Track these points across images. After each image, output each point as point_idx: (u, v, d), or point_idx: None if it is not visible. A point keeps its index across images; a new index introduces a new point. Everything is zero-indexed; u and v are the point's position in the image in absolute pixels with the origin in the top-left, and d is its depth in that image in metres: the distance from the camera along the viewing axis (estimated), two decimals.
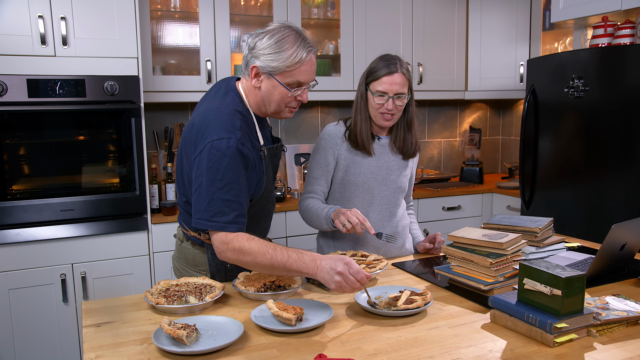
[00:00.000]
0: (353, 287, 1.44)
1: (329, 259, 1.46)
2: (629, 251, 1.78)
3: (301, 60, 1.55)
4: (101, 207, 2.66)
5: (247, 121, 1.61)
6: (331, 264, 1.44)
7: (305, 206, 2.02)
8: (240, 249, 1.50)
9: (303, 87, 1.61)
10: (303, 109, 3.68)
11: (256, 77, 1.60)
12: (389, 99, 1.93)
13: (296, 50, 1.54)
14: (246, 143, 1.55)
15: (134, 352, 1.28)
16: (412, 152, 2.09)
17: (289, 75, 1.57)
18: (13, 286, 2.51)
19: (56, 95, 2.52)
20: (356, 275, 1.43)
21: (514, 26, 3.77)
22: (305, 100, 1.65)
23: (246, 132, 1.57)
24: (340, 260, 1.44)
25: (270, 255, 1.48)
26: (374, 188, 2.05)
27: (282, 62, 1.54)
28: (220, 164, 1.50)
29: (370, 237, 2.05)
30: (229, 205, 1.51)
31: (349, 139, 2.04)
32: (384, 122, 1.99)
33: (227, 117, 1.55)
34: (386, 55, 1.98)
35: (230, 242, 1.51)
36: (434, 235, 2.07)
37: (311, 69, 1.60)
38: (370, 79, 1.97)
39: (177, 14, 3.15)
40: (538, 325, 1.30)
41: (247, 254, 1.50)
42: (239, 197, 1.52)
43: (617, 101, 2.66)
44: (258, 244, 1.50)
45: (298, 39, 1.56)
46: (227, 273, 1.78)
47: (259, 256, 1.49)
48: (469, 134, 4.04)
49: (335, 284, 1.44)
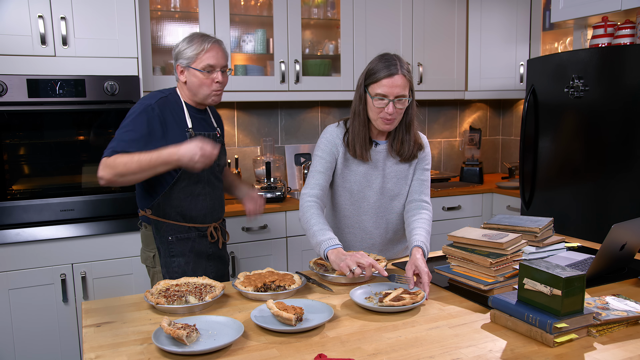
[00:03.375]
0: (211, 155, 1.79)
1: (187, 146, 1.78)
2: (629, 251, 1.78)
3: (205, 48, 1.98)
4: (101, 207, 2.66)
5: (171, 103, 2.01)
6: (189, 146, 1.78)
7: (303, 213, 1.88)
8: (112, 163, 1.81)
9: (217, 70, 1.99)
10: (303, 109, 3.68)
11: (182, 73, 2.02)
12: (390, 102, 1.82)
13: (199, 42, 1.99)
14: (157, 110, 1.94)
15: (134, 352, 1.28)
16: (410, 154, 1.97)
17: (200, 61, 1.97)
18: (13, 286, 2.51)
19: (56, 95, 2.52)
20: (212, 152, 1.79)
21: (514, 26, 3.77)
22: (221, 80, 2.00)
23: (166, 107, 1.98)
24: (196, 145, 1.77)
25: (137, 159, 1.80)
26: (369, 196, 1.99)
27: (192, 52, 1.98)
28: (130, 115, 1.94)
29: (367, 237, 2.04)
30: (121, 143, 1.86)
31: (346, 144, 1.96)
32: (384, 126, 1.88)
33: (149, 95, 2.03)
34: (386, 55, 1.87)
35: (107, 162, 1.82)
36: (418, 272, 1.67)
37: (217, 54, 2.00)
38: (369, 81, 1.86)
39: (177, 14, 3.15)
40: (538, 325, 1.30)
41: (118, 165, 1.80)
42: (132, 139, 1.87)
43: (617, 101, 2.66)
44: (126, 156, 1.81)
45: (200, 36, 2.01)
46: (169, 245, 2.02)
47: (128, 163, 1.80)
48: (469, 134, 4.04)
49: (199, 157, 1.77)
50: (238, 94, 3.18)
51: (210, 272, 2.12)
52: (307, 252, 3.12)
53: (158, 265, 2.08)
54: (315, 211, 1.86)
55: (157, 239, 2.05)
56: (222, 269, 2.20)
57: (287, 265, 3.10)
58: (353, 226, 2.04)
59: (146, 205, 2.04)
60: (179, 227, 2.03)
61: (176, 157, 1.79)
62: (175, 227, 2.03)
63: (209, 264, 2.12)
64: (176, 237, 2.03)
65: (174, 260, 2.04)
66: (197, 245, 2.08)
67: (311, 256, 2.99)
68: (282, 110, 3.64)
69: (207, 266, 2.12)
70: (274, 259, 3.06)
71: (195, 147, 1.77)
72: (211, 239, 2.11)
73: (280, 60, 3.23)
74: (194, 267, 2.06)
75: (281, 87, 3.25)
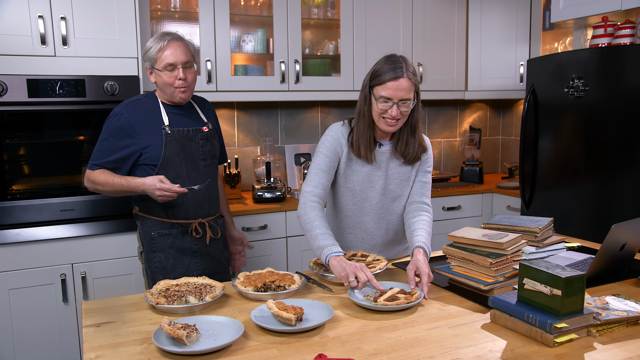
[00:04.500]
0: (171, 197, 1.92)
1: (149, 179, 1.92)
2: (629, 251, 1.78)
3: (161, 48, 2.00)
4: (101, 207, 2.66)
5: (145, 104, 2.09)
6: (151, 182, 1.91)
7: (305, 212, 1.85)
8: (93, 179, 2.03)
9: (177, 67, 2.00)
10: (303, 109, 3.69)
11: (150, 75, 2.07)
12: (394, 105, 1.80)
13: (157, 42, 2.01)
14: (125, 115, 2.03)
15: (134, 352, 1.28)
16: (414, 156, 1.97)
17: (160, 61, 2.00)
18: (13, 286, 2.51)
19: (56, 95, 2.52)
20: (170, 190, 1.90)
21: (514, 26, 3.77)
22: (183, 77, 2.01)
23: (137, 109, 2.06)
24: (157, 179, 1.91)
25: (111, 183, 1.99)
26: (371, 197, 1.98)
27: (152, 53, 2.01)
28: (103, 127, 2.07)
29: (368, 238, 2.05)
30: (98, 154, 2.04)
31: (351, 144, 1.95)
32: (387, 127, 1.86)
33: (123, 102, 2.11)
34: (392, 57, 1.84)
35: (89, 176, 2.04)
36: (419, 272, 1.68)
37: (176, 52, 2.00)
38: (374, 83, 1.84)
39: (177, 14, 3.15)
40: (538, 325, 1.30)
41: (98, 184, 2.02)
42: (106, 149, 2.03)
43: (617, 101, 2.66)
44: (104, 176, 2.00)
45: (160, 35, 2.03)
46: (151, 241, 2.09)
47: (105, 184, 2.00)
48: (469, 134, 4.04)
49: (158, 197, 1.92)
50: (238, 94, 3.18)
51: (195, 268, 2.12)
52: (307, 252, 3.12)
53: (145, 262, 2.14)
54: (319, 213, 1.84)
55: (141, 234, 2.12)
56: (212, 267, 2.17)
57: (287, 265, 3.10)
58: (354, 226, 2.03)
59: (135, 202, 2.13)
60: (162, 223, 2.09)
61: (141, 188, 1.95)
62: (158, 223, 2.09)
63: (194, 260, 2.13)
64: (158, 232, 2.09)
65: (155, 256, 2.09)
66: (179, 242, 2.10)
67: (311, 256, 2.99)
68: (282, 110, 3.64)
69: (191, 262, 2.12)
70: (274, 259, 3.06)
71: (153, 184, 1.91)
72: (196, 235, 2.11)
73: (280, 60, 3.23)
74: (174, 262, 2.09)
75: (281, 87, 3.25)
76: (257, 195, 3.12)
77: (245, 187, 3.54)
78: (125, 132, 2.02)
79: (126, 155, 2.03)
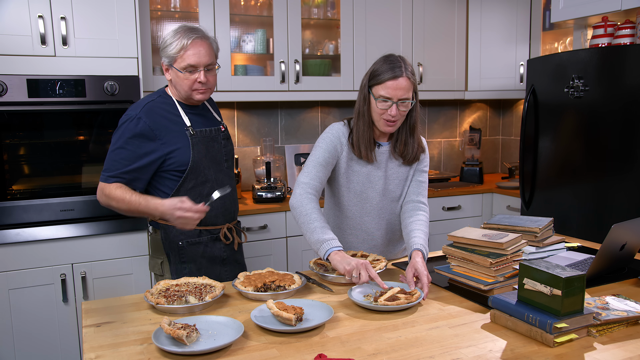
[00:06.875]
0: (193, 219, 1.75)
1: (169, 200, 1.77)
2: (629, 251, 1.78)
3: (184, 46, 1.83)
4: (101, 207, 2.61)
5: (161, 106, 1.92)
6: (171, 203, 1.76)
7: (301, 203, 1.81)
8: (109, 194, 1.84)
9: (199, 70, 1.86)
10: (303, 109, 3.69)
11: (167, 71, 1.92)
12: (393, 105, 1.80)
13: (179, 39, 1.83)
14: (144, 118, 1.85)
15: (134, 352, 1.28)
16: (413, 156, 1.97)
17: (181, 60, 1.85)
18: (13, 286, 2.51)
19: (56, 95, 2.52)
20: (191, 209, 1.74)
21: (514, 26, 3.77)
22: (204, 80, 1.87)
23: (155, 111, 1.88)
24: (177, 200, 1.76)
25: (127, 200, 1.82)
26: (371, 197, 1.98)
27: (173, 50, 1.84)
28: (116, 133, 1.88)
29: (369, 239, 2.05)
30: (114, 164, 1.85)
31: (351, 144, 1.94)
32: (386, 127, 1.87)
33: (135, 104, 1.94)
34: (390, 57, 1.84)
35: (104, 190, 1.86)
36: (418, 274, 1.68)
37: (199, 52, 1.84)
38: (373, 82, 1.84)
39: (177, 14, 3.15)
40: (538, 325, 1.30)
41: (112, 199, 1.84)
42: (123, 159, 1.85)
43: (617, 101, 2.66)
44: (121, 192, 1.83)
45: (181, 31, 1.85)
46: (180, 251, 1.94)
47: (120, 201, 1.83)
48: (469, 134, 4.04)
49: (177, 219, 1.76)
50: (238, 94, 3.18)
51: (226, 278, 1.99)
52: (307, 252, 3.12)
53: (167, 273, 1.97)
54: (316, 205, 1.82)
55: (165, 244, 1.95)
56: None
57: (287, 265, 3.10)
58: (355, 227, 2.03)
59: None
60: (190, 230, 1.90)
61: (160, 210, 1.79)
62: (185, 230, 1.90)
63: (223, 269, 2.01)
64: (187, 241, 1.93)
65: (185, 267, 1.94)
66: (210, 250, 1.97)
67: (311, 256, 2.99)
68: (282, 110, 3.64)
69: (221, 272, 2.00)
70: (274, 259, 3.06)
71: (173, 204, 1.75)
72: (226, 241, 2.00)
73: (280, 60, 3.23)
74: (206, 273, 1.94)
75: (281, 87, 3.25)
76: (257, 195, 3.13)
77: (245, 187, 3.54)
78: (145, 138, 1.84)
79: (148, 162, 1.85)
